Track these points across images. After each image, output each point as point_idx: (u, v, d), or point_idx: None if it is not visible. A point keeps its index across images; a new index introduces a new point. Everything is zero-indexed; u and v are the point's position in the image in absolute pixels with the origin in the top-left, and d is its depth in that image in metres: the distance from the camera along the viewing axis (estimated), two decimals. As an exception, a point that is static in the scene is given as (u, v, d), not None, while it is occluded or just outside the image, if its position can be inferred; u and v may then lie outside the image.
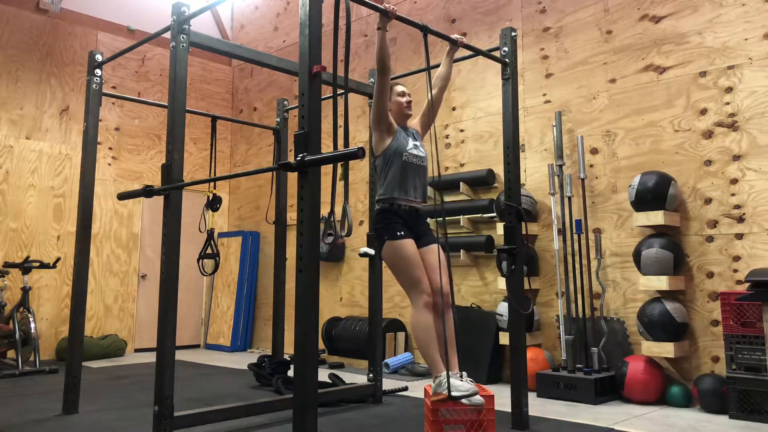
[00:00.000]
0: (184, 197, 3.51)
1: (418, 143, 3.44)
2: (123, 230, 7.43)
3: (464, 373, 3.14)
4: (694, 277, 4.41)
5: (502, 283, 5.01)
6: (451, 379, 2.92)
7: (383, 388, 4.47)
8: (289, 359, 5.06)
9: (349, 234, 2.82)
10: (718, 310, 4.21)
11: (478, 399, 2.92)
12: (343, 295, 6.83)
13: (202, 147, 8.27)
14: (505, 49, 3.81)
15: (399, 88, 3.47)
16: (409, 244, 3.20)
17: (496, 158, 5.56)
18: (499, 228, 4.99)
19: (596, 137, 5.01)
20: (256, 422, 3.77)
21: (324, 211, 2.79)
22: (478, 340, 5.25)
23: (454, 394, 2.87)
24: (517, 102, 3.84)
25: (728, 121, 4.37)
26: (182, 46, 3.41)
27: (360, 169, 6.57)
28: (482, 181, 5.55)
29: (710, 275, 4.34)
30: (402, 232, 3.22)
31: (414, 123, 3.60)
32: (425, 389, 3.28)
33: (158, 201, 3.69)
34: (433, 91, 3.56)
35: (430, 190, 5.14)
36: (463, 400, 2.90)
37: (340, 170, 2.86)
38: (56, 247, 6.87)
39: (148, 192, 3.50)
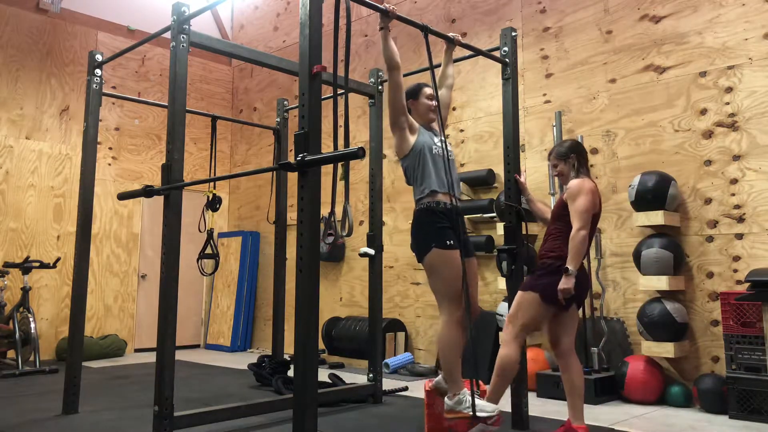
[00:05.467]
0: (184, 197, 3.51)
1: (441, 138, 3.36)
2: (123, 230, 7.43)
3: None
4: (694, 277, 4.41)
5: (502, 283, 5.01)
6: (477, 400, 2.90)
7: (383, 388, 4.47)
8: (289, 359, 5.05)
9: (349, 234, 2.83)
10: (718, 310, 4.21)
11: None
12: (343, 295, 6.83)
13: (202, 147, 8.26)
14: (505, 49, 3.81)
15: (428, 90, 3.37)
16: (457, 256, 3.03)
17: (496, 158, 5.56)
18: (499, 228, 4.98)
19: (596, 137, 5.01)
20: (256, 422, 3.77)
21: (324, 211, 2.79)
22: (478, 340, 5.25)
23: (479, 414, 2.86)
24: (517, 102, 3.84)
25: (728, 121, 4.37)
26: (182, 46, 3.41)
27: (360, 169, 6.57)
28: (482, 181, 5.55)
29: (710, 275, 4.34)
30: (452, 241, 3.05)
31: (435, 124, 3.56)
32: (425, 386, 3.35)
33: (158, 201, 3.69)
34: (442, 91, 3.55)
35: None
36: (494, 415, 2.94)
37: (340, 170, 2.86)
38: (56, 247, 6.87)
39: (148, 192, 3.50)
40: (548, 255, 3.23)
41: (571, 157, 3.33)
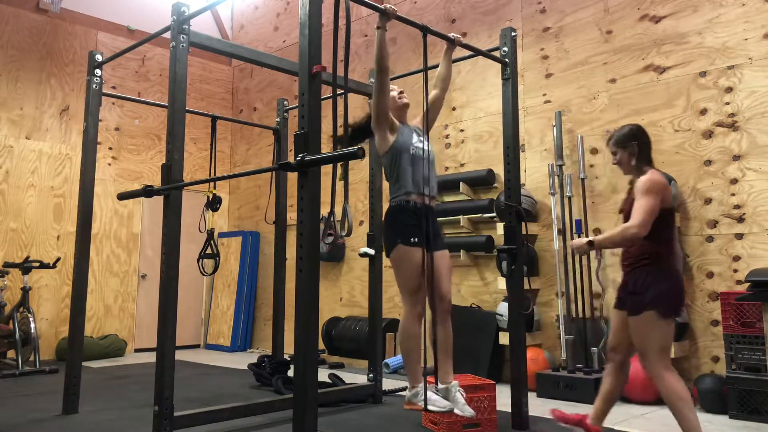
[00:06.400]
0: (184, 197, 3.51)
1: (422, 138, 3.37)
2: (123, 230, 7.43)
3: (456, 382, 3.17)
4: (694, 277, 4.41)
5: (502, 283, 5.01)
6: (429, 393, 2.97)
7: (383, 388, 4.48)
8: (289, 359, 5.05)
9: (349, 234, 2.82)
10: (718, 310, 4.21)
11: (468, 410, 3.03)
12: (343, 295, 6.83)
13: (202, 147, 8.27)
14: (505, 49, 3.81)
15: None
16: (418, 253, 3.08)
17: (496, 158, 5.56)
18: (499, 228, 4.98)
19: (596, 137, 5.01)
20: (256, 422, 3.77)
21: (324, 211, 2.79)
22: (478, 340, 5.25)
23: (430, 407, 2.95)
24: (517, 102, 3.84)
25: (728, 121, 4.37)
26: (182, 46, 3.41)
27: (360, 169, 6.57)
28: (482, 181, 5.55)
29: (710, 275, 4.34)
30: (416, 239, 3.09)
31: (416, 121, 3.56)
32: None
33: (158, 201, 3.69)
34: (435, 92, 3.54)
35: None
36: (456, 411, 3.02)
37: (340, 170, 2.86)
38: (56, 247, 6.87)
39: (148, 192, 3.50)
40: (642, 262, 2.90)
41: (632, 145, 3.01)
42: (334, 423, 3.77)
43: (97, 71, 4.27)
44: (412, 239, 3.10)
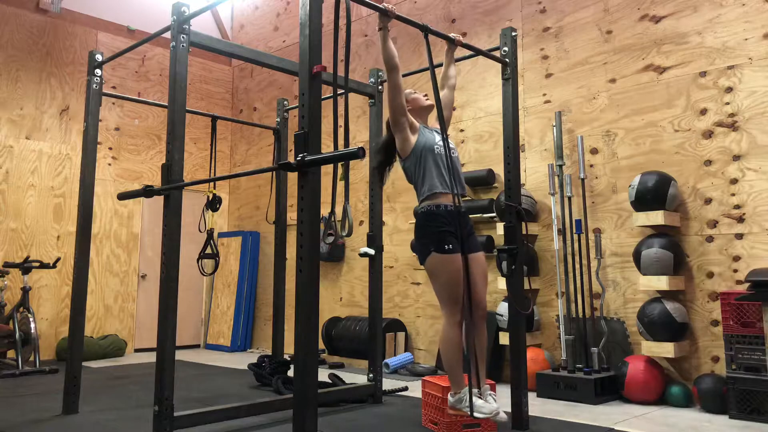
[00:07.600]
0: (184, 197, 3.51)
1: (444, 137, 3.38)
2: (123, 230, 7.43)
3: (488, 386, 3.16)
4: (694, 277, 4.41)
5: (502, 283, 5.01)
6: (474, 399, 2.95)
7: (383, 388, 4.47)
8: (289, 359, 5.05)
9: (349, 234, 2.82)
10: (718, 310, 4.21)
11: (502, 416, 3.02)
12: (343, 295, 6.83)
13: (202, 147, 8.26)
14: (505, 49, 3.81)
15: (407, 91, 3.41)
16: (456, 260, 3.03)
17: (496, 158, 5.56)
18: (499, 228, 4.98)
19: (596, 137, 5.01)
20: (256, 422, 3.77)
21: (324, 211, 2.79)
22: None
23: (476, 414, 2.93)
24: (517, 102, 3.84)
25: (728, 121, 4.37)
26: (182, 46, 3.41)
27: (360, 169, 6.57)
28: (482, 181, 5.55)
29: (710, 275, 4.34)
30: (450, 245, 3.05)
31: (433, 122, 3.57)
32: (424, 381, 3.48)
33: (158, 201, 3.69)
34: (444, 92, 3.55)
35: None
36: (490, 417, 3.01)
37: (340, 170, 2.86)
38: (56, 247, 6.87)
39: (148, 192, 3.50)
40: None
41: None
42: (334, 423, 3.77)
43: (97, 71, 4.27)
44: (446, 246, 3.06)
